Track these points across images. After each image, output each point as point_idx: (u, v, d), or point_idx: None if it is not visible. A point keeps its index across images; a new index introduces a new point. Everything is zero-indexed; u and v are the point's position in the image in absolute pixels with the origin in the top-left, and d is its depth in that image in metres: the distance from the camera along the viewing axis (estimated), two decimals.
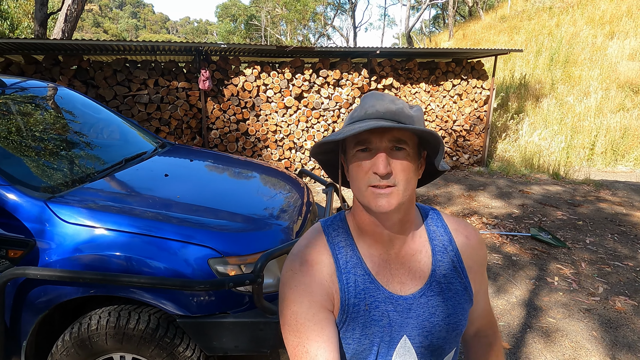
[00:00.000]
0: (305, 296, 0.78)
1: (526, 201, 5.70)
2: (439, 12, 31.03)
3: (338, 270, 0.81)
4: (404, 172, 0.75)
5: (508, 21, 19.30)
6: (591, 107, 11.22)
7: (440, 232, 0.88)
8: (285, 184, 2.83)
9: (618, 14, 14.90)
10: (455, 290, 0.84)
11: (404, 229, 0.83)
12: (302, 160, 6.46)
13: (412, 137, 0.77)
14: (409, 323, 0.80)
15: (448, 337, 0.83)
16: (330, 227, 0.87)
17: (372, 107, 0.76)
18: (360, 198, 0.78)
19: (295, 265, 0.82)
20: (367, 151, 0.75)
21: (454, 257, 0.86)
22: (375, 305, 0.80)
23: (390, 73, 6.56)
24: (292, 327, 0.77)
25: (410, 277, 0.83)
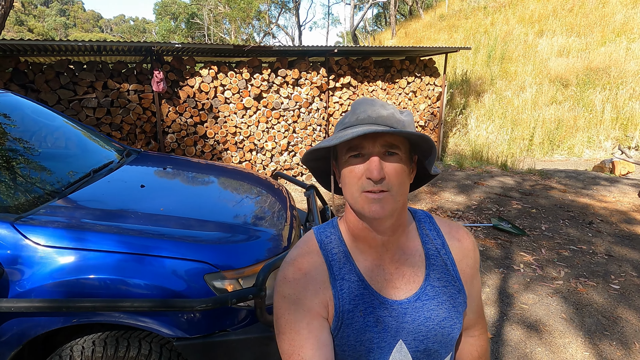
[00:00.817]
0: (299, 304, 0.77)
1: (482, 193, 5.97)
2: (381, 11, 31.80)
3: (332, 277, 0.81)
4: (397, 177, 0.75)
5: (447, 20, 20.15)
6: (527, 101, 12.00)
7: (433, 235, 0.88)
8: (267, 190, 2.74)
9: (545, 13, 16.03)
10: (450, 294, 0.84)
11: (397, 234, 0.82)
12: (263, 161, 6.33)
13: (404, 142, 0.77)
14: (404, 328, 0.80)
15: (444, 341, 0.82)
16: (322, 234, 0.87)
17: (364, 112, 0.76)
18: (353, 204, 0.77)
19: (288, 273, 0.81)
20: (359, 157, 0.75)
21: (447, 261, 0.86)
22: (370, 311, 0.79)
23: (348, 72, 6.60)
24: (286, 336, 0.76)
25: (404, 281, 0.83)
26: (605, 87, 11.39)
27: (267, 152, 6.32)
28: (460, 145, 9.53)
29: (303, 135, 6.46)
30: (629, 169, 7.45)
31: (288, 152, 6.50)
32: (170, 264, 1.72)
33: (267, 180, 3.00)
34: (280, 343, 0.78)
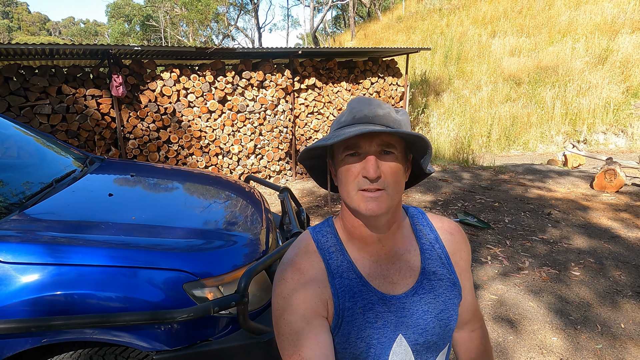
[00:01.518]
0: (298, 304, 0.78)
1: (447, 189, 6.14)
2: (340, 13, 32.11)
3: (330, 275, 0.81)
4: (393, 176, 0.76)
5: (404, 21, 20.62)
6: (484, 99, 12.48)
7: (426, 230, 0.91)
8: (240, 194, 2.69)
9: (497, 15, 16.72)
10: (445, 287, 0.86)
11: (392, 230, 0.84)
12: (230, 165, 6.23)
13: (400, 141, 0.78)
14: (403, 322, 0.82)
15: (441, 333, 0.84)
16: (318, 233, 0.87)
17: (360, 111, 0.77)
18: (349, 202, 0.78)
19: (286, 274, 0.81)
20: (356, 155, 0.76)
21: (441, 254, 0.88)
22: (369, 307, 0.81)
23: (313, 73, 6.61)
24: (286, 336, 0.77)
25: (401, 276, 0.84)
26: (555, 85, 12.01)
27: (233, 156, 6.22)
28: None
29: (270, 137, 6.41)
30: (580, 162, 7.89)
31: (255, 155, 6.43)
32: (145, 274, 1.65)
33: (239, 184, 2.95)
34: (280, 344, 0.78)
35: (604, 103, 10.94)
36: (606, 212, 5.07)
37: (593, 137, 10.76)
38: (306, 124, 6.83)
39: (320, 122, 6.91)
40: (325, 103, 6.89)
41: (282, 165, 6.70)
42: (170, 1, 23.35)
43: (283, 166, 6.72)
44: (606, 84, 11.54)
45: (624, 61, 11.86)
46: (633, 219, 4.80)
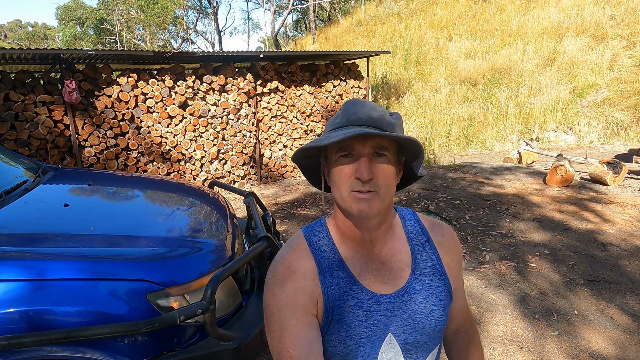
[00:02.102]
0: (289, 302, 0.79)
1: (410, 188, 6.28)
2: (300, 16, 32.22)
3: (321, 274, 0.82)
4: (385, 178, 0.77)
5: (364, 25, 20.95)
6: (443, 100, 12.87)
7: (417, 231, 0.92)
8: (204, 200, 2.65)
9: (452, 19, 17.31)
10: (436, 287, 0.87)
11: (384, 231, 0.85)
12: (193, 171, 6.10)
13: (393, 144, 0.79)
14: (393, 321, 0.83)
15: (431, 333, 0.85)
16: (311, 232, 0.89)
17: (354, 114, 0.78)
18: (341, 203, 0.79)
19: (278, 271, 0.83)
20: (349, 157, 0.77)
21: (432, 255, 0.89)
22: (359, 306, 0.82)
23: (275, 77, 6.59)
24: (276, 334, 0.78)
25: (391, 276, 0.85)
26: (508, 86, 12.56)
27: (196, 162, 6.10)
28: None
29: (233, 142, 6.33)
30: (534, 159, 8.29)
31: (219, 160, 6.33)
32: (106, 286, 1.60)
33: (202, 190, 2.90)
34: (270, 341, 0.79)
35: (554, 102, 11.55)
36: (558, 205, 5.35)
37: (544, 135, 11.33)
38: (270, 127, 6.80)
39: (284, 125, 6.90)
40: (289, 106, 6.89)
41: (247, 169, 6.64)
42: (126, 4, 22.64)
43: (247, 170, 6.66)
44: (555, 84, 12.18)
45: (570, 63, 12.57)
46: (582, 212, 5.09)
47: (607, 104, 11.12)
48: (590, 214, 5.00)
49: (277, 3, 25.55)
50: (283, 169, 7.10)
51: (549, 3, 15.35)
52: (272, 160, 6.93)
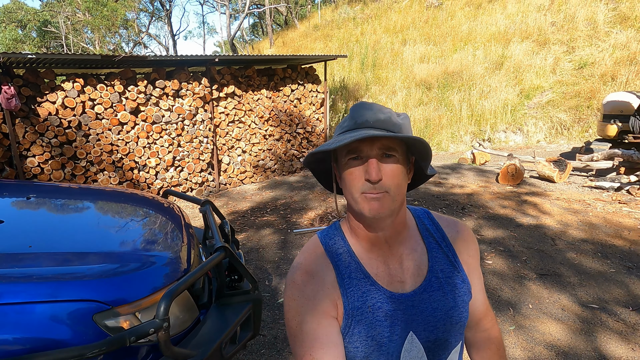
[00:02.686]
0: (309, 306, 0.80)
1: None
2: (257, 20, 32.01)
3: (339, 277, 0.83)
4: (395, 178, 0.78)
5: (321, 30, 21.10)
6: (399, 103, 13.16)
7: (432, 229, 0.93)
8: (157, 210, 2.52)
9: (406, 24, 17.77)
10: (454, 284, 0.88)
11: (398, 231, 0.86)
12: (147, 180, 5.86)
13: (401, 144, 0.80)
14: (413, 319, 0.83)
15: (452, 330, 0.86)
16: (326, 236, 0.90)
17: (362, 116, 0.79)
18: (353, 205, 0.81)
19: (297, 277, 0.84)
20: (358, 159, 0.78)
21: (448, 253, 0.90)
22: (378, 306, 0.82)
23: (231, 81, 6.47)
24: (298, 338, 0.79)
25: (409, 275, 0.86)
26: (461, 89, 13.03)
27: (150, 170, 5.86)
28: None
29: (189, 148, 6.15)
30: (486, 159, 8.61)
31: (174, 168, 6.12)
32: (47, 309, 1.47)
33: (155, 199, 2.77)
34: (292, 345, 0.80)
35: (503, 104, 12.09)
36: (510, 203, 5.57)
37: (496, 136, 11.83)
38: (227, 132, 6.66)
39: (242, 130, 6.78)
40: (247, 111, 6.78)
41: (205, 176, 6.47)
42: (72, 6, 21.59)
43: (205, 177, 6.48)
44: (503, 87, 12.76)
45: (517, 67, 13.22)
46: (532, 209, 5.33)
47: (551, 106, 11.77)
48: (539, 211, 5.24)
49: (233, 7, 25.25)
50: (242, 174, 6.97)
51: (495, 10, 16.09)
52: (230, 166, 6.79)
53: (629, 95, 7.24)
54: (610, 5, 13.76)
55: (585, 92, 11.49)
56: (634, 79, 11.06)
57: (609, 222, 4.83)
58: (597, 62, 12.18)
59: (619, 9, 13.39)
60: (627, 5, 13.24)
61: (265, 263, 4.06)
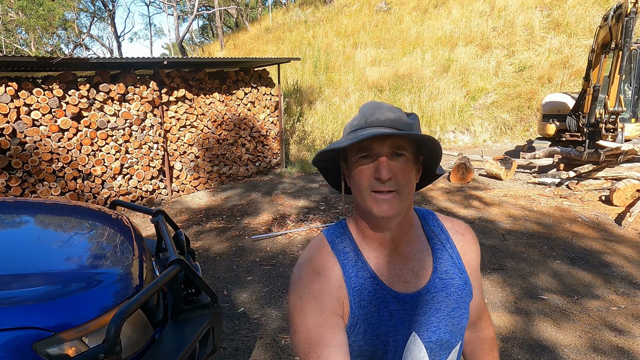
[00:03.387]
0: (315, 304, 0.79)
1: (327, 193, 6.35)
2: (207, 22, 31.32)
3: (346, 275, 0.83)
4: (405, 177, 0.78)
5: (272, 32, 20.99)
6: (352, 106, 13.32)
7: (437, 231, 0.93)
8: (104, 223, 2.36)
9: (356, 28, 18.06)
10: (457, 286, 0.89)
11: (405, 231, 0.86)
12: (93, 189, 5.52)
13: (411, 143, 0.80)
14: (416, 320, 0.84)
15: (454, 331, 0.87)
16: (333, 234, 0.89)
17: (372, 115, 0.79)
18: (362, 203, 0.81)
19: (303, 274, 0.83)
20: (368, 158, 0.78)
21: (452, 254, 0.91)
22: (383, 306, 0.83)
23: (182, 84, 6.24)
24: (303, 336, 0.78)
25: (413, 275, 0.87)
26: (411, 91, 13.40)
27: (96, 178, 5.53)
28: (302, 151, 9.99)
29: (138, 155, 5.86)
30: None
31: (122, 176, 5.81)
32: None
33: (101, 211, 2.60)
34: (297, 342, 0.79)
35: (451, 106, 12.56)
36: (461, 201, 5.77)
37: (445, 136, 12.26)
38: (179, 138, 6.42)
39: (194, 135, 6.56)
40: (199, 115, 6.58)
41: (156, 183, 6.19)
42: (3, 4, 20.08)
43: (157, 185, 6.21)
44: (451, 89, 13.27)
45: (462, 69, 13.79)
46: (482, 206, 5.55)
47: (495, 107, 12.38)
48: (489, 207, 5.46)
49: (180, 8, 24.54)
50: (196, 181, 6.75)
51: (441, 15, 16.72)
52: (183, 173, 6.55)
53: (564, 96, 7.74)
54: (544, 12, 14.70)
55: (526, 93, 12.19)
56: (568, 81, 11.87)
57: (552, 216, 5.12)
58: (535, 65, 12.96)
59: (552, 16, 14.33)
60: (559, 13, 14.20)
61: (223, 272, 3.94)
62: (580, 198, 5.76)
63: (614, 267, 3.81)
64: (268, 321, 3.12)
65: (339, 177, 0.93)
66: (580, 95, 6.98)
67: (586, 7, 13.86)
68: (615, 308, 3.16)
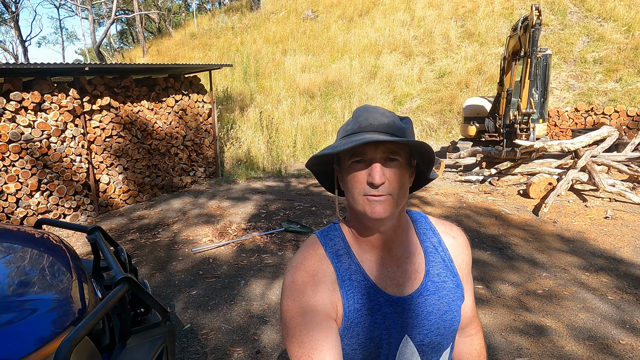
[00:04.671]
0: (308, 306, 0.79)
1: (268, 200, 6.28)
2: (126, 27, 29.66)
3: (339, 278, 0.83)
4: (398, 182, 0.79)
5: (198, 38, 20.43)
6: (285, 112, 13.35)
7: (429, 234, 0.94)
8: (31, 244, 2.13)
9: (285, 35, 18.17)
10: (449, 288, 0.89)
11: (397, 234, 0.87)
12: (6, 209, 4.96)
13: (405, 148, 0.81)
14: (409, 323, 0.84)
15: (445, 333, 0.87)
16: (326, 237, 0.89)
17: (366, 120, 0.80)
18: (355, 206, 0.81)
19: (297, 276, 0.82)
20: (362, 162, 0.79)
21: (444, 257, 0.92)
22: (376, 309, 0.83)
23: (106, 92, 5.84)
24: (296, 338, 0.77)
25: (406, 278, 0.87)
26: (342, 97, 13.74)
27: (9, 197, 4.97)
28: (237, 159, 9.80)
29: (59, 169, 5.37)
30: None
31: (41, 192, 5.29)
32: None
33: (24, 231, 2.34)
34: (290, 346, 0.78)
35: None
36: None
37: None
38: (105, 149, 5.99)
39: (122, 145, 6.16)
40: (126, 124, 6.19)
41: (80, 199, 5.71)
42: None
43: (81, 200, 5.73)
44: (379, 94, 13.82)
45: (388, 76, 14.44)
46: (416, 203, 5.82)
47: (420, 111, 13.09)
48: (423, 206, 5.75)
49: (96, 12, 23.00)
50: (126, 194, 6.33)
51: (366, 24, 17.38)
52: (111, 186, 6.11)
53: (482, 100, 8.40)
54: (458, 23, 15.88)
55: (447, 98, 13.04)
56: (483, 86, 12.90)
57: (479, 211, 5.52)
58: (453, 72, 13.93)
59: (466, 26, 15.53)
60: (471, 23, 15.43)
61: (163, 288, 3.73)
62: (502, 193, 6.28)
63: (529, 253, 4.20)
64: (218, 335, 3.01)
65: (332, 180, 0.92)
66: (495, 99, 7.62)
67: (494, 19, 15.19)
68: (531, 290, 3.48)
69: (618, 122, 9.63)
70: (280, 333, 3.01)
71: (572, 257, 4.08)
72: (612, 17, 13.43)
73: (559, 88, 12.16)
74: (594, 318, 3.04)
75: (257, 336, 2.98)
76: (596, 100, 11.26)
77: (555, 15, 14.02)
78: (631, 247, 4.23)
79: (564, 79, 12.41)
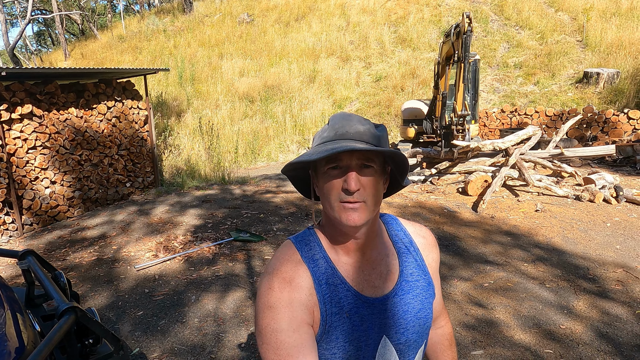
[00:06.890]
0: (285, 313, 0.78)
1: (213, 209, 6.07)
2: (44, 28, 27.39)
3: (316, 283, 0.83)
4: (372, 188, 0.80)
5: (127, 41, 19.38)
6: (225, 117, 13.04)
7: (401, 235, 0.97)
8: None
9: (220, 38, 17.77)
10: (422, 287, 0.92)
11: (372, 237, 0.89)
12: None
13: (379, 156, 0.83)
14: (386, 323, 0.86)
15: (420, 331, 0.90)
16: (301, 242, 0.89)
17: (342, 127, 0.82)
18: (331, 212, 0.82)
19: (273, 282, 0.81)
20: (337, 169, 0.80)
21: (416, 257, 0.95)
22: (354, 311, 0.84)
23: (27, 99, 5.31)
24: (271, 346, 0.76)
25: (382, 279, 0.89)
26: (282, 101, 13.69)
27: None
28: (177, 166, 9.39)
29: None
30: None
31: None
32: None
33: None
34: (265, 353, 0.77)
35: (321, 114, 13.19)
36: None
37: None
38: (28, 161, 5.45)
39: (48, 157, 5.63)
40: (52, 134, 5.67)
41: (1, 218, 5.14)
42: None
43: (2, 220, 5.16)
44: (319, 98, 13.95)
45: (327, 80, 14.62)
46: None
47: (360, 114, 13.37)
48: None
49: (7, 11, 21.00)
50: (54, 210, 5.80)
51: (302, 28, 17.49)
52: (37, 202, 5.56)
53: (420, 103, 8.76)
54: (391, 29, 16.48)
55: (384, 101, 13.46)
56: (417, 89, 13.48)
57: (423, 209, 5.74)
58: (389, 76, 14.42)
59: (398, 32, 16.16)
60: (404, 29, 16.08)
61: (106, 311, 3.45)
62: (443, 191, 6.57)
63: (473, 248, 4.43)
64: (171, 357, 2.84)
65: (308, 185, 0.93)
66: (432, 102, 7.97)
67: (424, 26, 15.96)
68: (478, 284, 3.67)
69: (539, 121, 10.51)
70: (239, 349, 2.90)
71: (511, 250, 4.36)
72: (527, 26, 14.65)
73: (486, 91, 13.03)
74: (536, 306, 3.26)
75: (214, 354, 2.84)
76: (518, 101, 12.20)
77: (479, 22, 15.01)
78: (561, 237, 4.60)
79: (490, 82, 13.32)
